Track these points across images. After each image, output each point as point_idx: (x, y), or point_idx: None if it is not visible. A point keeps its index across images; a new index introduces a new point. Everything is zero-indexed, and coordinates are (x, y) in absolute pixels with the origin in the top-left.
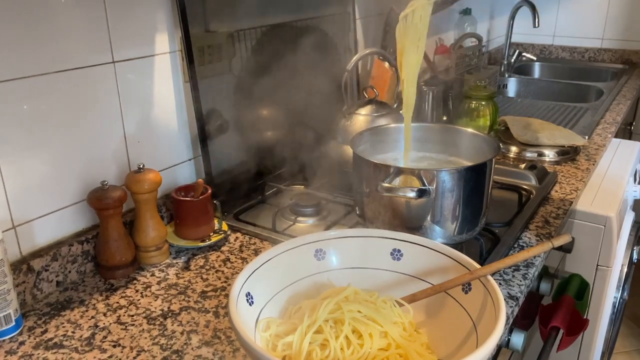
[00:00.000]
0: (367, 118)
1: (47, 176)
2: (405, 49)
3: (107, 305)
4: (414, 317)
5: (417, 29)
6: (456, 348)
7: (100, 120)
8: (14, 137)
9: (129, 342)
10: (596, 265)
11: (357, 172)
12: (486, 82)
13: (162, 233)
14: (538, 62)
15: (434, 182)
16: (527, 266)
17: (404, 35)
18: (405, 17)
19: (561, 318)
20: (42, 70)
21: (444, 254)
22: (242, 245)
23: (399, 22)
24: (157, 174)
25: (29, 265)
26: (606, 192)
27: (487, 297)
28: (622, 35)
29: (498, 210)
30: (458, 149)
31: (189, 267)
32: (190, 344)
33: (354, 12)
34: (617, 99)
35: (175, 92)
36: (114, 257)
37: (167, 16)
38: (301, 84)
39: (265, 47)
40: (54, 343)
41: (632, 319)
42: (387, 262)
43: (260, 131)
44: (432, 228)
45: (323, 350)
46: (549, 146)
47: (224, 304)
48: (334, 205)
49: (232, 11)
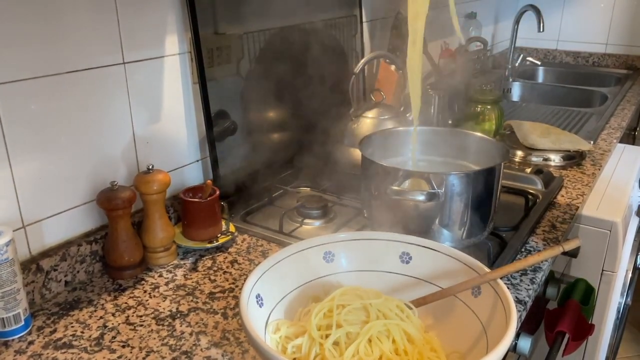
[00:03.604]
0: (374, 121)
1: (57, 176)
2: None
3: (116, 306)
4: (423, 320)
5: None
6: (466, 351)
7: (110, 121)
8: (24, 137)
9: (138, 343)
10: (601, 270)
11: (366, 175)
12: (492, 86)
13: (170, 234)
14: (542, 66)
15: (443, 186)
16: (534, 270)
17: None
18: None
19: (567, 323)
20: (53, 70)
21: (453, 257)
22: (250, 246)
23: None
24: (166, 174)
25: (38, 265)
26: (611, 197)
27: (497, 301)
28: (626, 40)
29: (505, 214)
30: (466, 153)
31: (197, 268)
32: (199, 345)
33: (361, 15)
34: (621, 104)
35: (184, 93)
36: (123, 258)
37: (177, 18)
38: (308, 86)
39: (273, 50)
40: (63, 343)
41: (634, 325)
42: (396, 265)
43: (268, 133)
44: (440, 232)
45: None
46: (554, 151)
47: (232, 305)
48: (341, 208)
49: (241, 13)
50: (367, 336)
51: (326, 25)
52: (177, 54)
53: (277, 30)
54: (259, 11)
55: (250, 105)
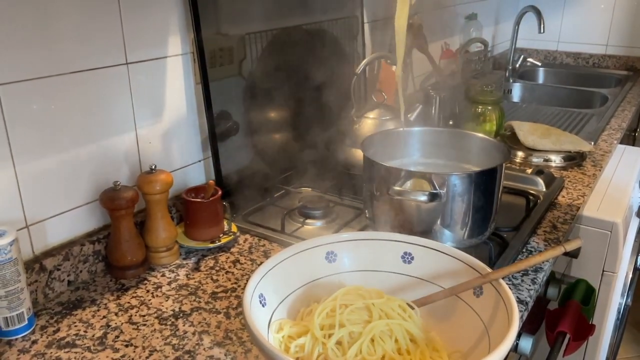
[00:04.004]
0: (375, 121)
1: (60, 176)
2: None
3: (119, 305)
4: (425, 320)
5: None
6: (467, 351)
7: (113, 121)
8: (28, 138)
9: (141, 342)
10: (602, 271)
11: (368, 175)
12: (493, 86)
13: (172, 234)
14: (542, 67)
15: (444, 186)
16: (535, 271)
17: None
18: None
19: (568, 323)
20: (57, 71)
21: (455, 257)
22: (252, 246)
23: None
24: (168, 174)
25: (42, 265)
26: (612, 198)
27: (499, 301)
28: (626, 41)
29: (506, 214)
30: (467, 154)
31: (199, 268)
32: (202, 345)
33: (362, 15)
34: (622, 105)
35: (186, 93)
36: (125, 257)
37: (179, 19)
38: (310, 87)
39: (275, 50)
40: (67, 342)
41: (634, 325)
42: (398, 265)
43: (270, 133)
44: (442, 232)
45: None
46: (555, 151)
47: (234, 305)
48: (342, 208)
49: (244, 14)
50: (369, 336)
51: (328, 25)
52: (179, 55)
53: (279, 31)
54: (261, 12)
55: (252, 106)
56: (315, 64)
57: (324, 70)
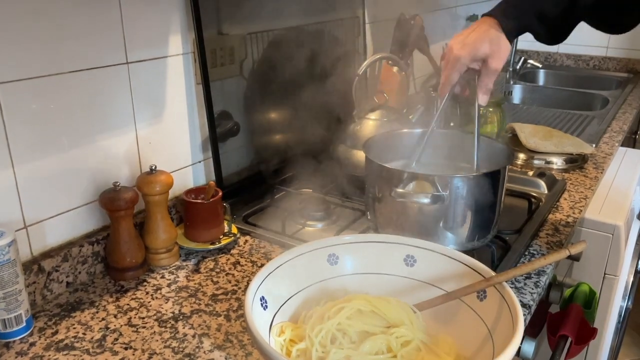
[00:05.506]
0: (376, 123)
1: (59, 177)
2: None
3: (118, 307)
4: (428, 324)
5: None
6: (471, 356)
7: (113, 121)
8: (27, 138)
9: (140, 345)
10: (603, 274)
11: (370, 176)
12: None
13: (172, 235)
14: (543, 69)
15: (447, 189)
16: (538, 274)
17: None
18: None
19: (570, 327)
20: (56, 70)
21: (458, 260)
22: (252, 248)
23: None
24: (168, 175)
25: (40, 266)
26: (614, 200)
27: (503, 305)
28: (626, 44)
29: (508, 217)
30: (470, 156)
31: (199, 269)
32: (202, 348)
33: (364, 16)
34: (622, 108)
35: (187, 93)
36: (125, 259)
37: (180, 18)
38: (311, 88)
39: (276, 51)
40: (65, 344)
41: (634, 329)
42: (400, 268)
43: (270, 134)
44: (444, 234)
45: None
46: (557, 154)
47: (235, 307)
48: (343, 210)
49: (245, 14)
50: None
51: (329, 26)
52: (180, 54)
53: (280, 31)
54: (262, 12)
55: (253, 106)
56: (316, 64)
57: (325, 71)
